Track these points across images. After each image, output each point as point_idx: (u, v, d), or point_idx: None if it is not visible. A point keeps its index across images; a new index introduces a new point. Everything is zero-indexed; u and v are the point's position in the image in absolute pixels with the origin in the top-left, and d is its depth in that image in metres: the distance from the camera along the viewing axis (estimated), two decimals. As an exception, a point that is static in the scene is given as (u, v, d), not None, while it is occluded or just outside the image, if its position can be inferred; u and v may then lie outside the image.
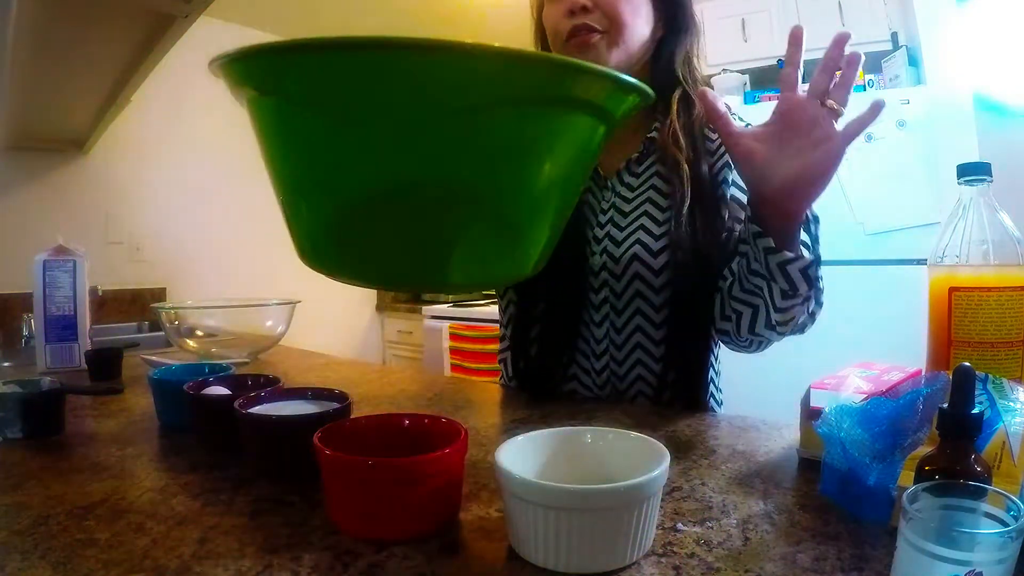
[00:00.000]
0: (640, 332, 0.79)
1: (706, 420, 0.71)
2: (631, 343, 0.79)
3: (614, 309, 0.79)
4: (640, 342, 0.79)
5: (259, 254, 2.89)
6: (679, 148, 0.78)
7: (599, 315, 0.80)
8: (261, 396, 0.58)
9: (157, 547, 0.40)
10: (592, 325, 0.81)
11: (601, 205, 0.82)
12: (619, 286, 0.78)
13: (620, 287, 0.78)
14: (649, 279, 0.77)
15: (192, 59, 2.77)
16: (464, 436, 0.45)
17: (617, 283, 0.78)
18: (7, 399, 0.64)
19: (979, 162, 0.55)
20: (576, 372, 0.83)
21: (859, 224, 2.05)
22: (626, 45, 0.76)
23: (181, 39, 1.12)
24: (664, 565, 0.37)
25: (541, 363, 0.83)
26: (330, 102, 0.38)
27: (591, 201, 0.83)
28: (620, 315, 0.79)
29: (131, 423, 0.72)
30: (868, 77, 2.23)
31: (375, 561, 0.38)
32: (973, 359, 0.52)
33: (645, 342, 0.79)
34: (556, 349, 0.82)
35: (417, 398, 0.87)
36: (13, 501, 0.48)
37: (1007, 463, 0.39)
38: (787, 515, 0.44)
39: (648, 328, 0.79)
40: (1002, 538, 0.27)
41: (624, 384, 0.81)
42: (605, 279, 0.79)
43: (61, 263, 1.12)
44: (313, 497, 0.48)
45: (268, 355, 1.23)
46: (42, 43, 1.15)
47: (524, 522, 0.37)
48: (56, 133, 2.12)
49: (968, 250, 0.55)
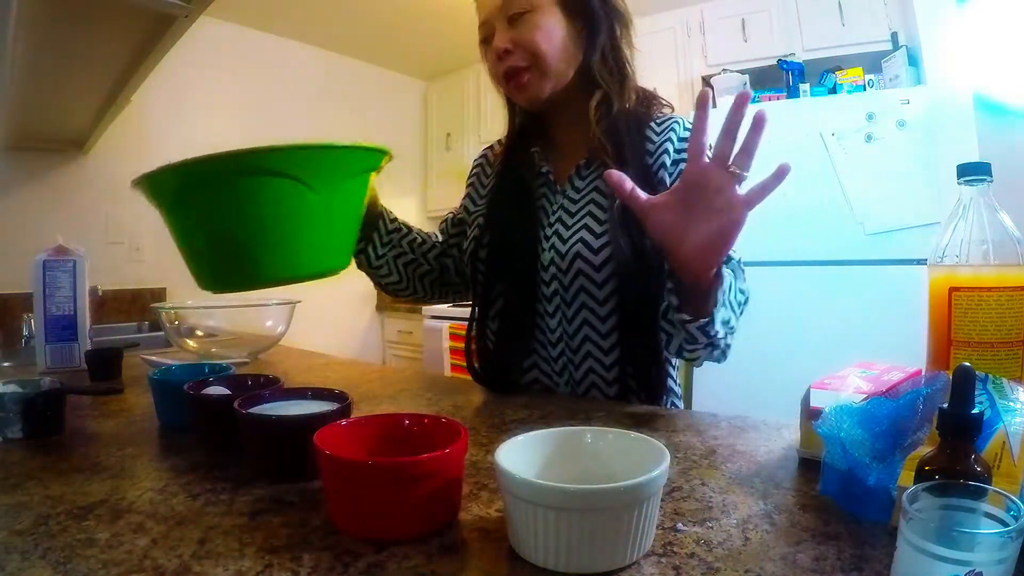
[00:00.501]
0: (588, 325, 0.84)
1: (706, 420, 0.71)
2: (581, 334, 0.84)
3: (564, 301, 0.85)
4: (588, 334, 0.84)
5: (259, 254, 2.89)
6: (606, 153, 0.82)
7: (552, 306, 0.86)
8: (261, 396, 0.58)
9: (157, 547, 0.40)
10: (547, 316, 0.86)
11: (552, 208, 0.88)
12: (566, 280, 0.84)
13: (567, 281, 0.84)
14: (591, 275, 0.82)
15: (192, 59, 2.79)
16: (464, 436, 0.45)
17: (564, 277, 0.84)
18: (7, 399, 0.64)
19: (979, 162, 0.55)
20: (536, 361, 0.89)
21: (859, 224, 2.05)
22: (554, 71, 0.83)
23: (181, 39, 1.12)
24: (664, 565, 0.37)
25: (500, 355, 0.89)
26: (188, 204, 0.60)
27: (544, 205, 0.89)
28: (570, 307, 0.85)
29: (131, 423, 0.72)
30: (868, 77, 2.23)
31: (375, 561, 0.38)
32: (973, 359, 0.52)
33: (593, 334, 0.84)
34: (513, 341, 0.88)
35: (417, 398, 0.87)
36: (13, 501, 0.48)
37: (1007, 463, 0.39)
38: (787, 515, 0.44)
39: (595, 321, 0.84)
40: (1002, 538, 0.27)
41: (580, 373, 0.86)
42: (554, 273, 0.85)
43: (61, 263, 1.12)
44: (313, 497, 0.48)
45: (268, 355, 1.24)
46: (42, 43, 1.15)
47: (524, 522, 0.37)
48: (56, 133, 2.12)
49: (968, 250, 0.55)
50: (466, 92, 3.48)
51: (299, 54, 3.10)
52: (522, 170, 0.91)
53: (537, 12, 0.81)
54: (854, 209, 2.06)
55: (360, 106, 3.36)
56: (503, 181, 0.92)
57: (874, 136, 2.03)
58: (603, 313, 0.83)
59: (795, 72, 2.36)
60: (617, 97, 0.85)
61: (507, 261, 0.87)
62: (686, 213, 0.60)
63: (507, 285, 0.88)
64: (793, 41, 2.45)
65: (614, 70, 0.86)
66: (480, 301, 0.92)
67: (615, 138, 0.83)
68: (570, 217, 0.86)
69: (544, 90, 0.83)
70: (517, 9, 0.81)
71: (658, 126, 0.86)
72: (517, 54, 0.82)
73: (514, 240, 0.87)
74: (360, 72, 3.40)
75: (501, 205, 0.91)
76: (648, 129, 0.85)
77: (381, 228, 0.90)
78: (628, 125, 0.84)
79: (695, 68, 2.68)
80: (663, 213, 0.61)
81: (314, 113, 3.15)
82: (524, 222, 0.87)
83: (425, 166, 3.78)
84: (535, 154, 0.90)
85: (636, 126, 0.85)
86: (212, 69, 2.73)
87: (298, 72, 3.09)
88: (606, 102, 0.85)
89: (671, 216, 0.61)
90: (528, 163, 0.90)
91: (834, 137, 2.08)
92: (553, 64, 0.82)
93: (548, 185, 0.90)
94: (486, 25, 0.85)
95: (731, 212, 0.59)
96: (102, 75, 1.41)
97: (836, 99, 2.18)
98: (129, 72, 1.35)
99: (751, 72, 2.54)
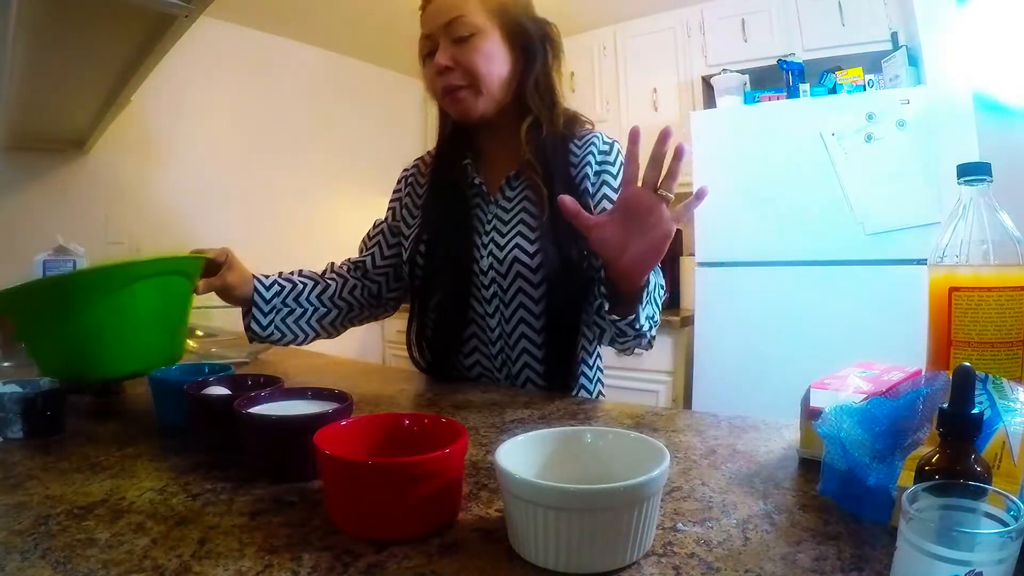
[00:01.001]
0: (524, 324, 0.91)
1: (706, 420, 0.71)
2: (517, 332, 0.92)
3: (502, 302, 0.91)
4: (524, 332, 0.91)
5: (259, 254, 2.88)
6: (534, 171, 0.90)
7: (491, 307, 0.92)
8: (261, 396, 0.58)
9: (157, 547, 0.40)
10: (487, 316, 0.93)
11: (487, 216, 0.94)
12: (505, 283, 0.91)
13: (506, 284, 0.91)
14: (529, 277, 0.89)
15: (192, 59, 2.79)
16: (464, 436, 0.45)
17: (503, 280, 0.91)
18: (7, 399, 0.64)
19: (979, 162, 0.55)
20: (478, 358, 0.96)
21: (859, 224, 2.05)
22: (489, 92, 0.89)
23: (181, 39, 1.12)
24: (664, 565, 0.37)
25: (438, 347, 0.97)
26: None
27: (479, 214, 0.95)
28: (507, 307, 0.91)
29: (131, 423, 0.72)
30: (868, 77, 2.23)
31: (375, 561, 0.38)
32: (973, 359, 0.52)
33: (528, 332, 0.91)
34: (449, 334, 0.95)
35: (417, 398, 0.87)
36: (13, 501, 0.48)
37: (1007, 463, 0.39)
38: (787, 515, 0.44)
39: (530, 319, 0.91)
40: (1002, 538, 0.27)
41: (516, 367, 0.93)
42: (493, 277, 0.91)
43: (61, 263, 1.13)
44: (313, 497, 0.48)
45: (268, 355, 1.24)
46: (42, 43, 1.15)
47: (524, 522, 0.37)
48: (56, 133, 2.12)
49: (968, 250, 0.55)
50: (466, 92, 3.47)
51: (299, 54, 3.10)
52: (455, 179, 0.96)
53: (480, 36, 0.87)
54: (854, 209, 2.06)
55: (360, 106, 3.36)
56: (438, 189, 0.97)
57: (874, 136, 2.03)
58: (537, 311, 0.90)
59: (795, 72, 2.36)
60: (547, 122, 0.92)
61: (444, 261, 0.93)
62: (623, 231, 0.69)
63: (444, 283, 0.94)
64: (793, 41, 2.45)
65: (545, 97, 0.93)
66: (419, 299, 0.98)
67: (542, 157, 0.90)
68: (504, 225, 0.92)
69: (477, 109, 0.90)
70: (463, 31, 0.87)
71: (580, 141, 0.94)
72: (457, 72, 0.87)
73: (450, 243, 0.93)
74: (360, 72, 3.40)
75: (438, 211, 0.96)
76: (572, 145, 0.94)
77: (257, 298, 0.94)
78: (555, 145, 0.92)
79: (695, 68, 2.68)
80: (603, 231, 0.70)
81: (314, 113, 3.15)
82: (459, 227, 0.94)
83: (425, 166, 3.78)
84: (467, 166, 0.95)
85: (561, 145, 0.93)
86: (212, 69, 2.72)
87: (298, 72, 3.09)
88: (536, 126, 0.92)
89: (610, 233, 0.70)
90: (460, 173, 0.95)
91: (834, 137, 2.08)
92: (489, 87, 0.89)
93: (481, 195, 0.95)
94: (430, 39, 0.90)
95: (661, 227, 0.68)
96: (102, 75, 1.40)
97: (836, 99, 2.18)
98: (129, 72, 1.35)
99: (751, 72, 2.54)
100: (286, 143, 3.02)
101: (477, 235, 0.93)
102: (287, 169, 3.02)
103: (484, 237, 0.93)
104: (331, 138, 3.20)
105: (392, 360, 3.47)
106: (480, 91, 0.88)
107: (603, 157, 0.93)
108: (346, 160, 3.25)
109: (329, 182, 3.10)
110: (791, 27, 2.45)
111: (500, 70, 0.89)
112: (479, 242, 0.93)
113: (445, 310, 0.95)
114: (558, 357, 0.91)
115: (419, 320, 0.99)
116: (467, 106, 0.89)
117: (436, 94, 0.92)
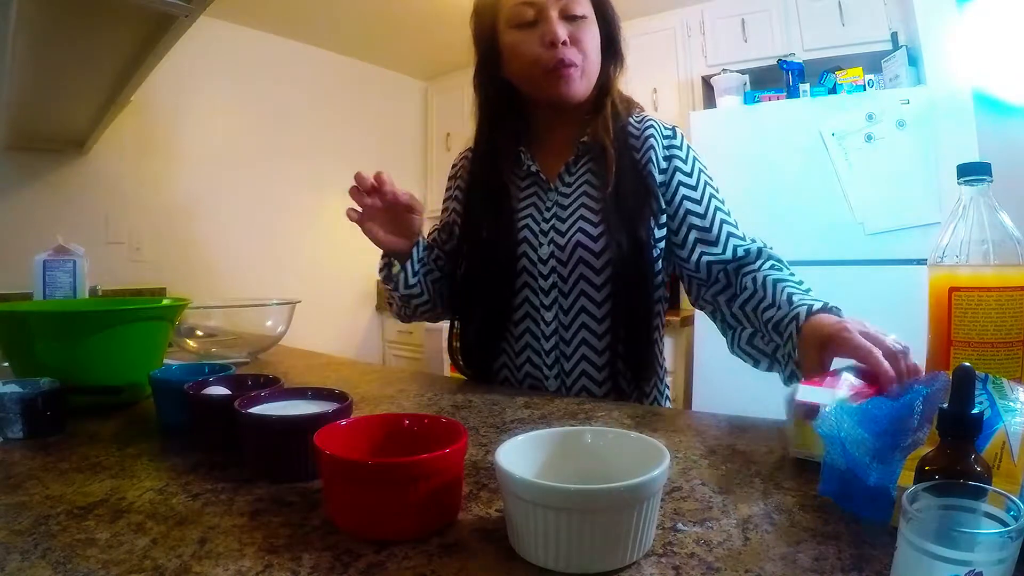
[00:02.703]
0: (585, 312, 0.88)
1: (706, 420, 0.71)
2: (577, 322, 0.88)
3: (561, 292, 0.89)
4: (585, 322, 0.88)
5: (259, 254, 2.89)
6: (608, 134, 0.89)
7: (548, 299, 0.89)
8: (261, 396, 0.58)
9: (157, 547, 0.40)
10: (542, 309, 0.90)
11: (545, 204, 0.92)
12: (565, 271, 0.88)
13: (567, 272, 0.88)
14: (591, 262, 0.87)
15: (192, 59, 2.79)
16: (464, 436, 0.45)
17: (564, 268, 0.88)
18: (7, 399, 0.64)
19: (979, 162, 0.55)
20: (529, 355, 0.91)
21: (859, 224, 2.05)
22: (591, 77, 0.89)
23: (181, 39, 1.12)
24: (664, 565, 0.37)
25: (482, 343, 0.94)
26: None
27: (536, 203, 0.93)
28: (567, 297, 0.89)
29: (131, 423, 0.72)
30: (868, 77, 2.23)
31: (375, 561, 0.38)
32: (973, 359, 0.52)
33: (590, 321, 0.88)
34: (496, 329, 0.92)
35: (417, 398, 0.87)
36: (13, 501, 0.48)
37: (1007, 463, 0.39)
38: (787, 515, 0.44)
39: (592, 308, 0.88)
40: (1002, 538, 0.27)
41: (571, 363, 0.89)
42: (553, 266, 0.89)
43: (61, 263, 1.13)
44: (313, 497, 0.48)
45: (268, 355, 1.23)
46: (42, 43, 1.15)
47: (524, 522, 0.37)
48: (56, 133, 2.12)
49: (968, 250, 0.55)
50: (466, 92, 3.44)
51: (300, 54, 3.10)
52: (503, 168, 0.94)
53: (590, 21, 0.88)
54: (854, 209, 2.06)
55: (360, 106, 3.36)
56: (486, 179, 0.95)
57: (874, 136, 2.03)
58: (599, 299, 0.87)
59: (795, 72, 2.36)
60: (624, 111, 0.94)
61: (491, 253, 0.91)
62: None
63: (492, 276, 0.91)
64: (793, 41, 2.45)
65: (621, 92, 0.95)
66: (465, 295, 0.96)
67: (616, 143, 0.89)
68: (564, 211, 0.90)
69: (581, 90, 0.88)
70: (578, 11, 0.86)
71: (636, 121, 0.93)
72: (572, 49, 0.85)
73: (500, 233, 0.91)
74: (360, 72, 3.40)
75: (487, 200, 0.94)
76: (630, 126, 0.93)
77: (414, 255, 0.93)
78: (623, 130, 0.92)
79: (695, 68, 2.68)
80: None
81: (314, 113, 3.15)
82: (511, 216, 0.92)
83: (425, 166, 3.78)
84: (521, 152, 0.94)
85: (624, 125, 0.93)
86: (212, 69, 2.72)
87: (298, 72, 3.09)
88: (614, 110, 0.92)
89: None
90: (510, 161, 0.94)
91: (834, 137, 2.08)
92: (592, 72, 0.89)
93: (538, 183, 0.93)
94: (533, 8, 0.86)
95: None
96: (102, 75, 1.41)
97: (836, 99, 2.18)
98: (129, 72, 1.35)
99: (751, 72, 2.54)
100: (286, 142, 3.02)
101: (535, 223, 0.91)
102: (287, 168, 3.03)
103: (544, 224, 0.90)
104: (331, 138, 3.20)
105: (392, 360, 3.47)
106: (587, 74, 0.88)
107: (668, 142, 0.91)
108: (346, 160, 3.25)
109: (329, 181, 3.10)
110: (791, 27, 2.45)
111: (600, 61, 0.90)
112: (537, 230, 0.90)
113: (492, 305, 0.92)
114: (627, 344, 0.87)
115: (464, 318, 0.97)
116: (575, 86, 0.87)
117: (539, 68, 0.87)
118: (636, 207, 0.85)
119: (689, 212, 0.88)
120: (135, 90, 1.52)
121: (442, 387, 0.93)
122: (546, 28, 0.85)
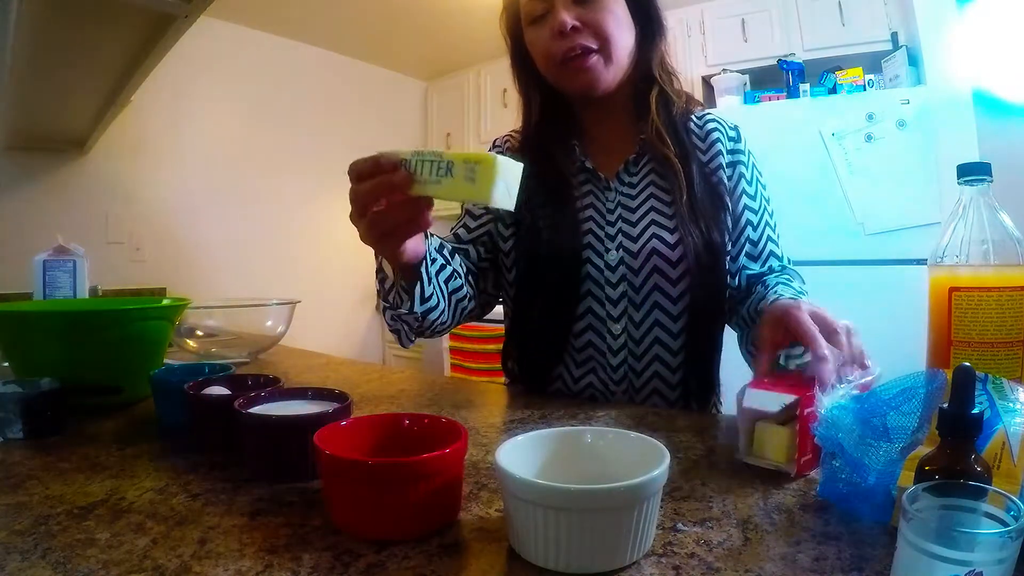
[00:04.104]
0: (658, 326, 0.80)
1: (705, 420, 0.71)
2: (651, 336, 0.81)
3: (632, 304, 0.81)
4: (658, 336, 0.81)
5: (259, 254, 2.89)
6: (666, 145, 0.81)
7: (617, 310, 0.81)
8: (261, 396, 0.58)
9: (157, 547, 0.40)
10: (610, 321, 0.81)
11: (607, 205, 0.84)
12: (638, 280, 0.80)
13: (639, 281, 0.80)
14: (667, 271, 0.79)
15: (192, 59, 2.79)
16: (464, 436, 0.45)
17: (636, 277, 0.80)
18: (7, 399, 0.64)
19: (979, 162, 0.55)
20: (593, 367, 0.83)
21: (859, 224, 2.05)
22: (618, 59, 0.80)
23: (181, 39, 1.12)
24: (664, 565, 0.37)
25: (536, 357, 0.85)
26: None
27: (595, 203, 0.84)
28: (639, 309, 0.81)
29: (131, 423, 0.72)
30: (868, 77, 2.23)
31: (375, 561, 0.38)
32: (973, 359, 0.52)
33: (663, 335, 0.81)
34: (556, 341, 0.83)
35: (417, 398, 0.87)
36: (13, 501, 0.48)
37: (1007, 463, 0.39)
38: (787, 515, 0.44)
39: (666, 321, 0.80)
40: (1002, 538, 0.27)
41: (642, 380, 0.82)
42: (623, 274, 0.81)
43: (61, 263, 1.13)
44: (313, 497, 0.48)
45: (268, 355, 1.23)
46: (42, 43, 1.15)
47: (524, 522, 0.37)
48: (56, 133, 2.12)
49: (968, 250, 0.55)
50: (466, 92, 3.47)
51: (299, 54, 3.10)
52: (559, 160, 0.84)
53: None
54: (854, 209, 2.06)
55: (360, 106, 3.36)
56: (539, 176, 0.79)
57: (874, 136, 2.03)
58: (675, 312, 0.80)
59: (795, 72, 2.36)
60: (675, 94, 0.85)
61: (551, 258, 0.81)
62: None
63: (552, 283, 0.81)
64: (793, 41, 2.45)
65: (669, 67, 0.86)
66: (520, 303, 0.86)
67: (676, 134, 0.82)
68: (632, 214, 0.82)
69: (606, 78, 0.80)
70: None
71: (699, 119, 0.87)
72: (585, 33, 0.77)
73: (559, 237, 0.81)
74: (360, 72, 3.40)
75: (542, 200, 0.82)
76: (692, 124, 0.86)
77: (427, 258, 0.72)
78: (684, 123, 0.85)
79: (695, 68, 2.68)
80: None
81: (314, 113, 3.15)
82: (571, 218, 0.82)
83: (425, 166, 3.77)
84: (575, 147, 0.85)
85: (685, 123, 0.85)
86: (212, 69, 2.73)
87: (298, 72, 3.09)
88: (664, 96, 0.84)
89: None
90: (564, 157, 0.85)
91: (834, 137, 2.08)
92: (618, 54, 0.79)
93: (594, 182, 0.85)
94: (542, 2, 0.79)
95: None
96: (102, 75, 1.41)
97: (836, 99, 2.18)
98: (129, 72, 1.35)
99: (751, 72, 2.54)
100: (286, 142, 3.02)
101: (598, 226, 0.82)
102: (287, 168, 3.02)
103: (610, 228, 0.82)
104: (331, 138, 3.20)
105: (392, 360, 3.47)
106: (610, 57, 0.79)
107: (733, 145, 0.86)
108: (346, 159, 3.24)
109: (329, 181, 3.10)
110: (791, 27, 2.45)
111: (627, 39, 0.80)
112: (602, 234, 0.82)
113: (552, 315, 0.82)
114: (701, 360, 0.82)
115: (517, 327, 0.88)
116: (596, 75, 0.79)
117: (553, 61, 0.80)
118: (711, 210, 0.79)
119: (748, 223, 0.85)
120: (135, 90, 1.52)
121: (442, 387, 0.93)
122: (552, 18, 0.78)
